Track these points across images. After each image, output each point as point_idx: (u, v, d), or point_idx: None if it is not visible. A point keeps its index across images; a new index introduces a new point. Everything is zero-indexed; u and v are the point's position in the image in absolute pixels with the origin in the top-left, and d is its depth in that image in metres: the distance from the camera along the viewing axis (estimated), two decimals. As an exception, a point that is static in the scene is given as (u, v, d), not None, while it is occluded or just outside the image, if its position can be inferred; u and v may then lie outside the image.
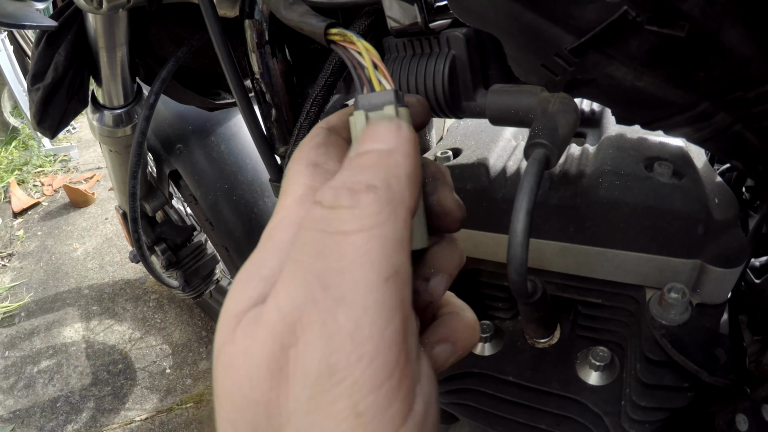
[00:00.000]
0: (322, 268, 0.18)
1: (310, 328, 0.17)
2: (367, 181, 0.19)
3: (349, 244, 0.18)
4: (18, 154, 3.15)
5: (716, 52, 0.28)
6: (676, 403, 0.42)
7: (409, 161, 0.21)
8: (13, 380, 1.76)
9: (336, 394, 0.17)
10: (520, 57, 0.34)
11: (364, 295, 0.17)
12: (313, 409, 0.17)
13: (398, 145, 0.21)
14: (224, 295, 1.46)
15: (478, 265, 0.51)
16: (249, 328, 0.19)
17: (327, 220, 0.18)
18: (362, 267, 0.17)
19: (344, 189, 0.19)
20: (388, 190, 0.19)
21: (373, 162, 0.20)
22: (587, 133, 0.54)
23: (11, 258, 2.37)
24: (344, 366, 0.17)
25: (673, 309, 0.38)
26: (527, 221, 0.29)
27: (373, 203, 0.18)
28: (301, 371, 0.17)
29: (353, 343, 0.17)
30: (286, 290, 0.18)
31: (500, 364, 0.52)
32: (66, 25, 0.66)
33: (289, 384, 0.17)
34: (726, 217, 0.39)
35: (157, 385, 1.70)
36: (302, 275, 0.18)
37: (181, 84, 0.78)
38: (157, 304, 2.00)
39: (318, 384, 0.17)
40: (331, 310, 0.17)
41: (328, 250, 0.18)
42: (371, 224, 0.18)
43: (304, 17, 0.37)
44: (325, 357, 0.17)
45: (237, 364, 0.18)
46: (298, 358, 0.17)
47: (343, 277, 0.17)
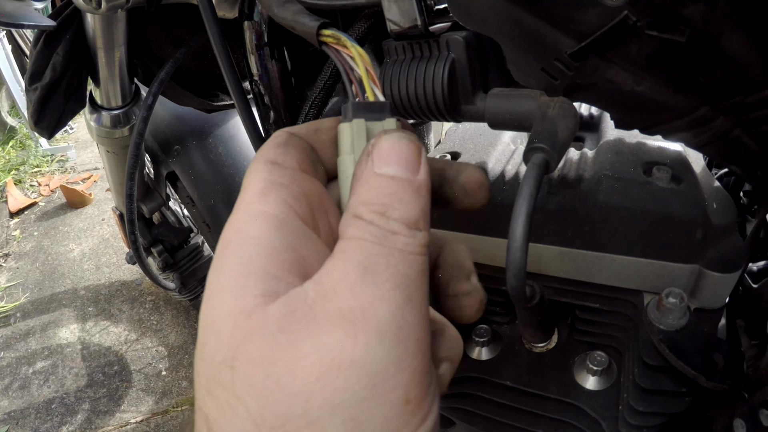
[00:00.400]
0: (393, 273, 0.20)
1: (378, 319, 0.18)
2: (416, 221, 0.21)
3: (412, 260, 0.20)
4: (15, 154, 3.14)
5: (716, 57, 0.28)
6: (673, 407, 0.42)
7: (429, 198, 0.23)
8: (8, 381, 1.75)
9: (396, 383, 0.18)
10: (519, 61, 0.34)
11: (421, 301, 0.20)
12: (370, 397, 0.18)
13: (424, 180, 0.22)
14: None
15: (476, 270, 0.51)
16: (290, 328, 0.19)
17: (389, 240, 0.20)
18: (422, 279, 0.20)
19: (399, 222, 0.21)
20: (427, 232, 0.22)
21: (409, 195, 0.22)
22: (586, 137, 0.54)
23: (7, 258, 2.36)
24: (410, 355, 0.19)
25: (671, 314, 0.38)
26: (526, 226, 0.29)
27: (423, 239, 0.21)
28: (362, 360, 0.18)
29: (415, 337, 0.19)
30: (351, 292, 0.19)
31: (498, 368, 0.52)
32: (64, 25, 0.66)
33: (343, 374, 0.18)
34: (724, 222, 0.39)
35: (153, 387, 1.69)
36: (372, 277, 0.19)
37: (180, 85, 0.77)
38: (154, 306, 2.00)
39: (383, 372, 0.18)
40: (401, 306, 0.19)
41: (398, 261, 0.20)
42: (423, 253, 0.21)
43: (297, 16, 0.36)
44: (395, 346, 0.18)
45: (276, 359, 0.18)
46: (358, 347, 0.18)
47: (411, 282, 0.20)
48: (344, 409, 0.17)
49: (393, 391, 0.18)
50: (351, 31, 0.44)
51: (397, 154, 0.22)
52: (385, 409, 0.18)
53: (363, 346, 0.18)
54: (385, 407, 0.18)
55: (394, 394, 0.18)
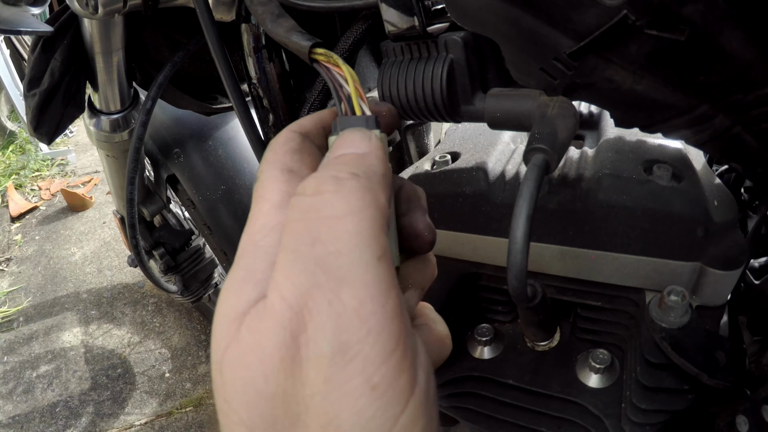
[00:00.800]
0: (320, 253, 0.18)
1: (318, 311, 0.18)
2: (349, 170, 0.21)
3: (341, 227, 0.19)
4: (15, 159, 3.14)
5: (716, 56, 0.28)
6: (676, 405, 0.42)
7: (382, 164, 0.23)
8: (12, 385, 1.75)
9: (351, 371, 0.17)
10: (518, 61, 0.34)
11: (362, 274, 0.18)
12: (330, 390, 0.17)
13: (371, 150, 0.23)
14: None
15: (478, 269, 0.51)
16: (255, 324, 0.19)
17: (315, 208, 0.19)
18: (357, 248, 0.19)
19: (328, 177, 0.20)
20: (368, 179, 0.21)
21: (350, 160, 0.22)
22: (586, 135, 0.54)
23: (9, 263, 2.36)
24: (355, 342, 0.17)
25: (673, 312, 0.38)
26: (527, 227, 0.29)
27: (357, 188, 0.20)
28: (313, 354, 0.18)
29: (360, 319, 0.18)
30: (288, 279, 0.19)
31: (500, 367, 0.52)
32: (62, 31, 0.66)
33: (303, 370, 0.18)
34: (725, 219, 0.39)
35: (157, 389, 1.69)
36: (302, 262, 0.19)
37: (178, 88, 0.77)
38: (156, 308, 2.00)
39: (332, 364, 0.17)
40: (335, 291, 0.18)
41: (323, 236, 0.19)
42: (359, 207, 0.19)
43: (290, 33, 0.37)
44: (336, 336, 0.17)
45: (247, 362, 0.18)
46: (309, 342, 0.18)
47: (341, 259, 0.18)
48: (315, 404, 0.18)
49: (351, 381, 0.17)
50: (349, 32, 0.44)
51: (346, 140, 0.24)
52: (351, 400, 0.17)
53: (312, 342, 0.18)
54: (349, 397, 0.17)
55: (354, 383, 0.17)
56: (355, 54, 0.45)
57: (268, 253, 0.21)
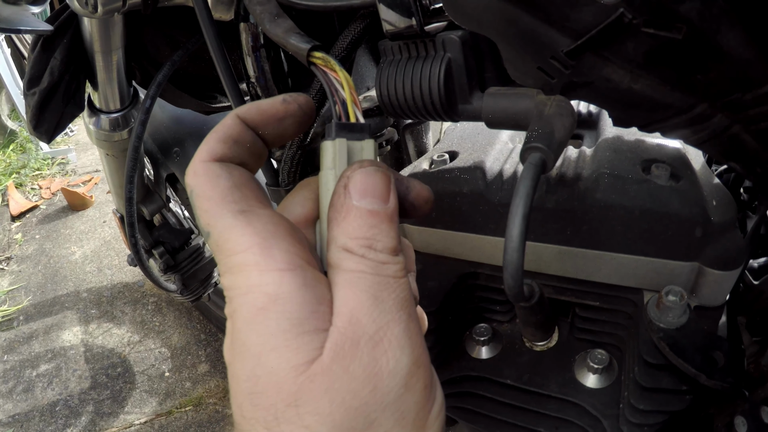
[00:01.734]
0: (394, 299, 0.24)
1: (396, 337, 0.24)
2: (395, 247, 0.25)
3: (403, 283, 0.25)
4: (16, 158, 3.14)
5: (714, 55, 0.27)
6: (674, 406, 0.42)
7: (398, 220, 0.26)
8: (12, 384, 1.75)
9: (419, 376, 0.24)
10: (516, 59, 0.34)
11: (415, 313, 0.25)
12: (405, 391, 0.23)
13: (394, 206, 0.26)
14: (222, 298, 1.45)
15: (476, 269, 0.51)
16: (339, 358, 0.23)
17: (382, 269, 0.25)
18: (411, 296, 0.25)
19: (385, 253, 0.25)
20: (402, 250, 0.26)
21: (386, 225, 0.25)
22: (584, 134, 0.54)
23: (9, 261, 2.36)
24: (423, 355, 0.24)
25: (671, 312, 0.38)
26: (523, 226, 0.29)
27: (403, 261, 0.26)
28: (395, 368, 0.23)
29: (421, 342, 0.25)
30: (370, 317, 0.23)
31: (498, 367, 0.52)
32: (61, 30, 0.66)
33: (384, 381, 0.23)
34: (724, 219, 0.39)
35: (156, 388, 1.69)
36: (381, 304, 0.24)
37: (178, 87, 0.77)
38: (156, 307, 2.00)
39: (409, 372, 0.23)
40: (407, 323, 0.24)
41: (394, 287, 0.25)
42: (405, 273, 0.26)
43: (288, 35, 0.37)
44: (412, 352, 0.24)
45: (337, 386, 0.22)
46: (389, 361, 0.23)
47: (407, 303, 0.25)
48: (391, 405, 0.23)
49: (417, 383, 0.24)
50: (347, 32, 0.44)
51: (372, 187, 0.25)
52: (416, 396, 0.23)
53: (393, 359, 0.23)
54: (415, 394, 0.24)
55: (419, 384, 0.24)
56: (353, 53, 0.45)
57: (300, 305, 0.23)
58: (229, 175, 0.25)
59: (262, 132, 0.28)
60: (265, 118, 0.28)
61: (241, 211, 0.24)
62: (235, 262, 0.24)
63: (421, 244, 0.53)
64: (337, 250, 0.25)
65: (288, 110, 0.28)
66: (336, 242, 0.25)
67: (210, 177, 0.25)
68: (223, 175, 0.25)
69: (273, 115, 0.28)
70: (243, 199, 0.25)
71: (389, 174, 0.26)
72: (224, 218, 0.24)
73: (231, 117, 0.27)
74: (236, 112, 0.28)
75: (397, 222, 0.26)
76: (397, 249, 0.25)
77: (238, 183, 0.26)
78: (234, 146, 0.27)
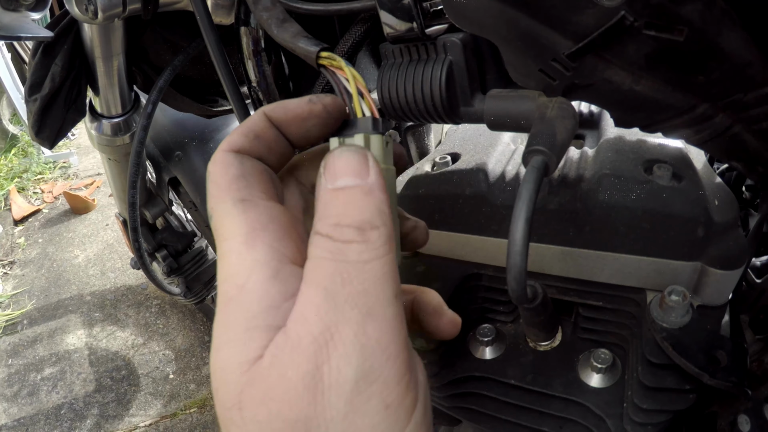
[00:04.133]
0: (350, 292, 0.21)
1: (344, 342, 0.20)
2: (369, 220, 0.22)
3: (367, 270, 0.21)
4: (18, 162, 3.15)
5: (715, 56, 0.27)
6: (677, 405, 0.42)
7: (385, 195, 0.24)
8: (17, 388, 1.76)
9: (370, 394, 0.20)
10: (517, 62, 0.34)
11: (384, 310, 0.21)
12: (350, 411, 0.20)
13: (374, 181, 0.24)
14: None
15: (479, 270, 0.51)
16: (278, 359, 0.21)
17: (343, 252, 0.22)
18: (381, 287, 0.22)
19: (351, 228, 0.22)
20: (385, 227, 0.23)
21: (360, 199, 0.23)
22: (586, 135, 0.54)
23: (13, 266, 2.37)
24: (377, 368, 0.20)
25: (674, 312, 0.38)
26: (526, 229, 0.29)
27: (379, 238, 0.22)
28: (337, 381, 0.20)
29: (380, 349, 0.21)
30: (317, 315, 0.21)
31: (502, 367, 0.52)
32: (62, 35, 0.66)
33: (325, 396, 0.20)
34: (726, 219, 0.39)
35: (161, 390, 1.70)
36: (333, 300, 0.21)
37: (179, 92, 0.78)
38: (160, 310, 2.00)
39: (355, 388, 0.20)
40: (360, 324, 0.21)
41: (352, 276, 0.21)
42: (381, 254, 0.22)
43: (296, 39, 0.37)
44: (361, 364, 0.20)
45: (273, 394, 0.20)
46: (332, 370, 0.20)
47: (368, 297, 0.21)
48: (336, 424, 0.20)
49: (369, 401, 0.20)
50: (348, 35, 0.44)
51: (344, 166, 0.24)
52: (369, 418, 0.20)
53: (336, 370, 0.20)
54: (368, 416, 0.20)
55: (372, 403, 0.20)
56: (355, 57, 0.45)
57: (263, 298, 0.22)
58: (239, 165, 0.26)
59: (287, 131, 0.28)
60: (290, 117, 0.28)
61: (241, 200, 0.24)
62: (223, 248, 0.24)
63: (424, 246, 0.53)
64: (311, 236, 0.23)
65: (312, 110, 0.28)
66: (313, 229, 0.24)
67: (223, 165, 0.25)
68: (234, 164, 0.25)
69: (298, 115, 0.28)
70: (247, 188, 0.25)
71: (364, 150, 0.25)
72: (224, 204, 0.24)
73: (258, 113, 0.28)
74: (263, 108, 0.28)
75: (381, 199, 0.23)
76: (373, 222, 0.22)
77: (247, 173, 0.25)
78: (254, 140, 0.27)
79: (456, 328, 0.31)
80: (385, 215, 0.23)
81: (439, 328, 0.31)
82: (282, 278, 0.22)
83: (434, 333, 0.31)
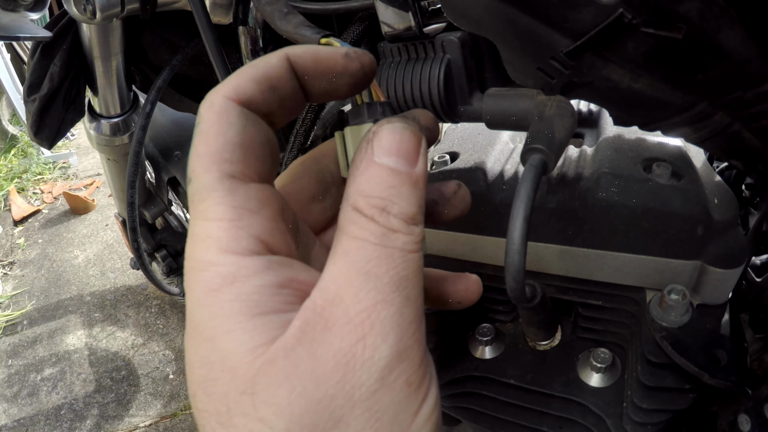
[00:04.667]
0: (392, 276, 0.21)
1: (381, 322, 0.20)
2: (414, 216, 0.22)
3: (410, 259, 0.22)
4: (17, 162, 3.14)
5: (714, 54, 0.27)
6: (677, 404, 0.42)
7: (425, 188, 0.23)
8: (17, 388, 1.76)
9: (399, 371, 0.20)
10: (515, 60, 0.34)
11: (417, 297, 0.22)
12: (380, 387, 0.20)
13: (421, 172, 0.23)
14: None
15: (478, 269, 0.51)
16: (307, 339, 0.20)
17: (389, 238, 0.22)
18: (418, 278, 0.22)
19: (398, 219, 0.22)
20: (423, 223, 0.23)
21: (407, 189, 0.23)
22: (585, 133, 0.54)
23: (12, 266, 2.37)
24: (407, 348, 0.21)
25: (674, 311, 0.38)
26: (524, 228, 0.29)
27: (420, 234, 0.23)
28: (371, 358, 0.20)
29: (413, 331, 0.21)
30: (356, 296, 0.21)
31: (501, 367, 0.52)
32: (60, 36, 0.66)
33: (357, 372, 0.20)
34: (726, 217, 0.39)
35: (161, 390, 1.69)
36: (374, 282, 0.21)
37: (177, 91, 0.77)
38: (159, 310, 2.00)
39: (388, 365, 0.20)
40: (400, 307, 0.21)
41: (398, 263, 0.21)
42: (420, 248, 0.23)
43: (299, 29, 0.37)
44: (396, 342, 0.20)
45: (297, 372, 0.20)
46: (367, 348, 0.20)
47: (408, 283, 0.22)
48: (362, 402, 0.20)
49: (398, 379, 0.20)
50: (346, 34, 0.44)
51: (398, 144, 0.23)
52: (394, 394, 0.20)
53: (371, 347, 0.20)
54: (393, 392, 0.20)
55: (399, 381, 0.20)
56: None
57: (263, 288, 0.21)
58: (241, 129, 0.22)
59: (309, 83, 0.25)
60: (321, 69, 0.24)
61: (230, 176, 0.21)
62: (200, 228, 0.21)
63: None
64: (347, 210, 0.22)
65: (348, 67, 0.25)
66: (348, 200, 0.22)
67: (222, 120, 0.22)
68: (236, 125, 0.22)
69: (330, 68, 0.25)
70: (241, 161, 0.22)
71: (420, 135, 0.23)
72: (210, 174, 0.21)
73: (279, 56, 0.24)
74: (287, 51, 0.24)
75: (423, 191, 0.23)
76: (417, 219, 0.22)
77: (246, 142, 0.22)
78: (268, 92, 0.23)
79: (480, 287, 0.31)
80: (423, 211, 0.23)
81: (469, 290, 0.31)
82: (275, 268, 0.22)
83: (464, 298, 0.31)
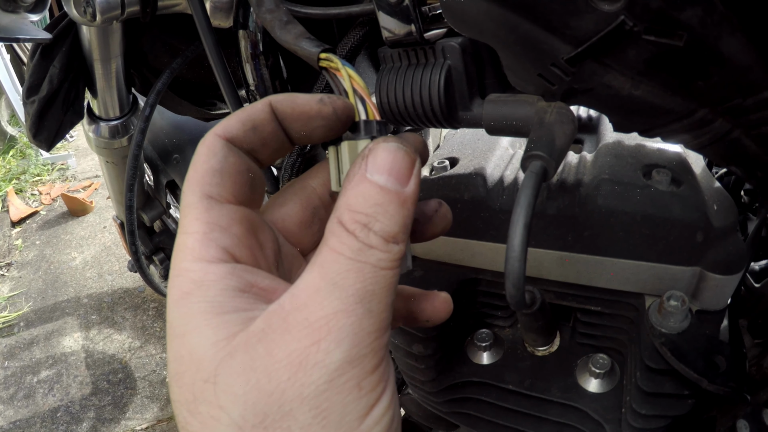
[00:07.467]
0: (358, 289, 0.22)
1: (338, 328, 0.22)
2: (395, 235, 0.23)
3: (381, 276, 0.23)
4: (15, 163, 3.14)
5: (715, 61, 0.27)
6: (676, 410, 0.41)
7: (414, 209, 0.24)
8: (13, 390, 1.75)
9: (350, 376, 0.22)
10: (516, 66, 0.34)
11: (382, 311, 0.23)
12: (329, 388, 0.21)
13: (411, 193, 0.24)
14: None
15: (477, 275, 0.51)
16: (266, 338, 0.22)
17: (365, 254, 0.23)
18: (386, 293, 0.23)
19: (378, 237, 0.23)
20: (404, 243, 0.24)
21: (393, 208, 0.23)
22: (585, 139, 0.54)
23: (10, 267, 2.36)
24: (361, 355, 0.22)
25: (673, 317, 0.38)
26: (524, 235, 0.29)
27: (398, 253, 0.23)
28: (323, 361, 0.21)
29: (370, 341, 0.22)
30: (320, 305, 0.22)
31: (500, 372, 0.51)
32: (60, 38, 0.66)
33: (308, 372, 0.21)
34: (725, 224, 0.39)
35: (158, 394, 1.69)
36: (340, 292, 0.22)
37: (177, 95, 0.77)
38: (157, 313, 2.00)
39: (338, 369, 0.21)
40: (360, 317, 0.22)
41: (366, 277, 0.22)
42: (394, 266, 0.23)
43: (298, 40, 0.37)
44: (349, 350, 0.22)
45: (254, 365, 0.21)
46: (320, 351, 0.21)
47: (373, 297, 0.22)
48: (310, 399, 0.21)
49: (348, 382, 0.22)
50: (346, 39, 0.44)
51: (391, 163, 0.24)
52: (343, 396, 0.21)
53: (324, 351, 0.21)
54: (342, 394, 0.21)
55: (349, 384, 0.22)
56: (353, 60, 0.45)
57: (227, 290, 0.23)
58: (222, 159, 0.25)
59: (289, 126, 0.27)
60: (296, 113, 0.27)
61: (208, 196, 0.25)
62: (180, 239, 0.24)
63: (422, 251, 0.53)
64: (332, 222, 0.23)
65: (321, 111, 0.27)
66: (335, 212, 0.24)
67: (207, 152, 0.25)
68: (218, 155, 0.25)
69: (305, 112, 0.27)
70: (218, 185, 0.25)
71: (415, 156, 0.25)
72: (193, 195, 0.25)
73: (263, 102, 0.27)
74: (270, 98, 0.27)
75: (411, 211, 0.24)
76: (398, 237, 0.23)
77: (227, 169, 0.25)
78: (250, 131, 0.26)
79: (449, 305, 0.33)
80: (407, 231, 0.24)
81: (436, 308, 0.32)
82: (239, 274, 0.24)
83: (431, 316, 0.32)
